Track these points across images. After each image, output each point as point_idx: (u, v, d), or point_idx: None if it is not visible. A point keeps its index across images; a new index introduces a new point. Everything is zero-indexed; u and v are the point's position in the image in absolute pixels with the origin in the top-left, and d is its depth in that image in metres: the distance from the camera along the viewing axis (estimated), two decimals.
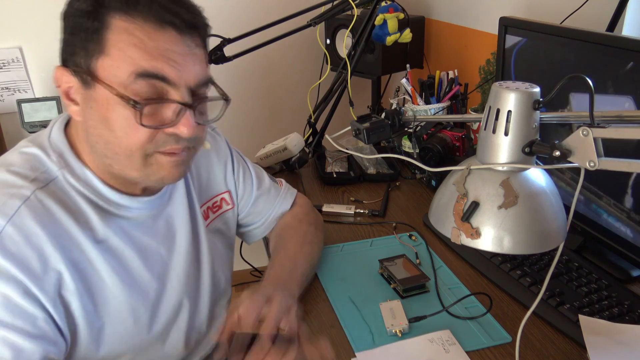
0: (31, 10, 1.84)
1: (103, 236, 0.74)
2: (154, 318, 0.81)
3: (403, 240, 1.12)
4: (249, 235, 1.07)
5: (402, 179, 1.42)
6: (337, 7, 1.42)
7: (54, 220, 0.70)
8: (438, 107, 1.45)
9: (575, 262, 0.97)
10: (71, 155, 0.75)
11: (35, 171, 0.72)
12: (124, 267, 0.77)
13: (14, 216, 0.66)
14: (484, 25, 1.63)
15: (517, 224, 0.62)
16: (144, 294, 0.79)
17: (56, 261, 0.68)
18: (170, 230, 0.85)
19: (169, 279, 0.83)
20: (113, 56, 0.66)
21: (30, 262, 0.66)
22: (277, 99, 2.23)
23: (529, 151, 0.62)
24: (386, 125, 0.91)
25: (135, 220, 0.79)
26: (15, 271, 0.65)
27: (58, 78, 0.71)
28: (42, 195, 0.70)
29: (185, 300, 0.86)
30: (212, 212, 0.96)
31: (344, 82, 1.44)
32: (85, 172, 0.75)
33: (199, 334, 0.90)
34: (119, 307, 0.76)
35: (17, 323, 0.65)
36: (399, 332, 0.85)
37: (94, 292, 0.73)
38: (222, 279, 0.95)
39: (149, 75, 0.66)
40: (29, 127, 1.81)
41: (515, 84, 0.64)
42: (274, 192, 1.06)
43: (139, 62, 0.66)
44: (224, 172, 0.98)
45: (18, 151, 0.75)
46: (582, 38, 0.92)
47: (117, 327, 0.76)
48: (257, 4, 2.03)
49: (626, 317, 0.84)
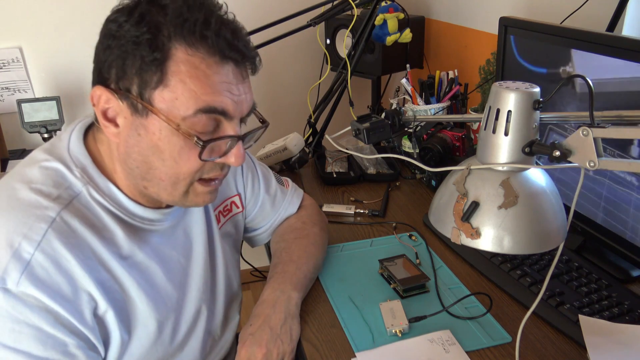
0: (31, 10, 1.84)
1: (128, 252, 0.74)
2: (176, 328, 0.81)
3: (403, 240, 1.12)
4: (254, 240, 1.08)
5: (402, 179, 1.42)
6: (337, 7, 1.42)
7: (80, 241, 0.69)
8: (438, 107, 1.45)
9: (575, 262, 0.97)
10: (94, 170, 0.73)
11: (58, 188, 0.70)
12: (148, 282, 0.77)
13: (42, 242, 0.65)
14: (484, 25, 1.63)
15: (517, 224, 0.62)
16: (167, 306, 0.79)
17: (86, 282, 0.68)
18: (188, 239, 0.85)
19: (189, 287, 0.84)
20: (174, 88, 0.65)
21: (61, 287, 0.66)
22: (277, 99, 2.23)
23: (529, 151, 0.62)
24: (386, 125, 0.91)
25: (158, 232, 0.79)
26: (47, 300, 0.64)
27: (97, 97, 0.68)
28: (67, 215, 0.68)
29: (204, 307, 0.86)
30: (223, 215, 0.95)
31: (344, 82, 1.44)
32: (109, 187, 0.73)
33: (213, 339, 0.90)
34: (145, 321, 0.76)
35: (49, 354, 0.65)
36: (399, 332, 0.85)
37: (122, 309, 0.73)
38: (235, 282, 0.96)
39: (211, 111, 0.66)
40: (29, 127, 1.81)
41: (515, 84, 0.64)
42: (280, 195, 1.05)
43: (202, 96, 0.65)
44: (234, 175, 0.98)
45: (38, 166, 0.72)
46: (582, 38, 0.92)
47: (143, 341, 0.76)
48: (257, 4, 2.03)
49: (626, 317, 0.84)
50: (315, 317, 0.90)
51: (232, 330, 0.96)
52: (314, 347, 0.84)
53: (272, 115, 2.25)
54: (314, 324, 0.89)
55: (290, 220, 1.06)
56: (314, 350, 0.83)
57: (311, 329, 0.88)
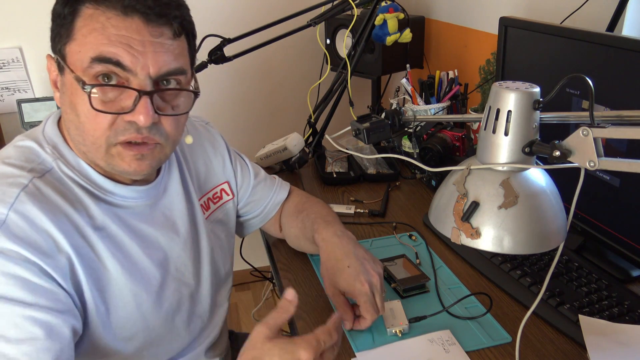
0: (31, 10, 1.84)
1: (101, 223, 0.75)
2: (157, 305, 0.82)
3: (403, 240, 1.12)
4: (247, 225, 1.09)
5: (402, 179, 1.42)
6: (337, 7, 1.42)
7: (53, 206, 0.70)
8: (438, 107, 1.45)
9: (575, 262, 0.97)
10: (65, 147, 0.76)
11: (31, 162, 0.73)
12: (123, 254, 0.77)
13: (14, 203, 0.67)
14: (484, 25, 1.63)
15: (517, 224, 0.62)
16: (146, 281, 0.80)
17: (64, 244, 0.69)
18: (169, 220, 0.86)
19: (169, 267, 0.84)
20: (78, 41, 0.68)
21: (40, 243, 0.67)
22: (277, 99, 2.23)
23: (529, 151, 0.62)
24: (386, 125, 0.91)
25: (132, 209, 0.80)
26: (27, 253, 0.65)
27: (48, 67, 0.73)
28: (39, 183, 0.71)
29: (186, 289, 0.87)
30: (213, 203, 0.97)
31: (344, 82, 1.44)
32: (79, 162, 0.76)
33: (202, 322, 0.92)
34: (120, 292, 0.76)
35: (41, 301, 0.65)
36: (399, 332, 0.85)
37: (97, 278, 0.74)
38: (222, 269, 0.97)
39: (104, 60, 0.67)
40: (29, 127, 1.81)
41: (515, 84, 0.64)
42: (270, 181, 1.08)
43: (97, 47, 0.67)
44: (222, 163, 1.00)
45: (13, 145, 0.77)
46: (582, 38, 0.92)
47: (120, 312, 0.77)
48: (257, 4, 2.03)
49: (626, 317, 0.84)
50: (315, 317, 0.90)
51: (221, 316, 0.98)
52: None
53: (272, 115, 2.26)
54: (314, 324, 0.89)
55: (289, 203, 1.08)
56: None
57: (311, 328, 0.87)
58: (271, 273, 1.14)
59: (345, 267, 0.86)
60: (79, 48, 0.68)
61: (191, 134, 0.87)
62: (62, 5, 0.69)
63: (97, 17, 0.67)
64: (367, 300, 0.82)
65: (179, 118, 0.75)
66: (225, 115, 2.16)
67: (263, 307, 2.21)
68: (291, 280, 1.01)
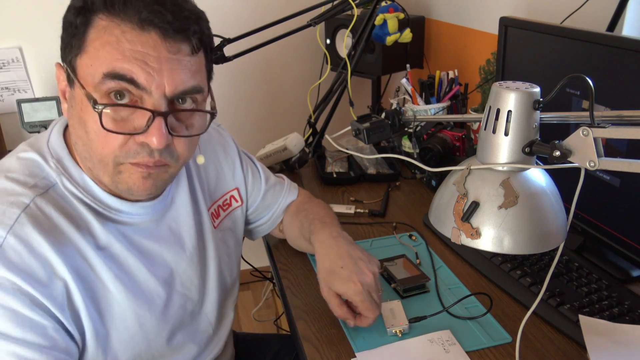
0: (31, 10, 1.84)
1: (105, 243, 0.73)
2: (161, 323, 0.80)
3: (403, 240, 1.12)
4: (256, 231, 1.07)
5: (402, 179, 1.42)
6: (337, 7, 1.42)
7: (54, 227, 0.68)
8: (438, 107, 1.45)
9: (575, 262, 0.97)
10: (70, 161, 0.73)
11: (34, 177, 0.71)
12: (127, 274, 0.75)
13: (14, 226, 0.65)
14: (484, 25, 1.63)
15: (517, 224, 0.62)
16: (150, 300, 0.78)
17: (61, 270, 0.67)
18: (175, 234, 0.83)
19: (175, 283, 0.82)
20: (90, 54, 0.65)
21: (35, 271, 0.65)
22: (277, 99, 2.23)
23: (529, 151, 0.62)
24: (386, 125, 0.91)
25: (137, 225, 0.78)
26: (21, 282, 0.63)
27: (57, 76, 0.70)
28: (41, 202, 0.68)
29: (191, 304, 0.85)
30: (223, 210, 0.95)
31: (344, 82, 1.44)
32: (84, 178, 0.73)
33: (207, 336, 0.90)
34: (123, 314, 0.74)
35: (28, 337, 0.64)
36: (399, 332, 0.85)
37: (98, 300, 0.72)
38: (229, 279, 0.95)
39: (117, 77, 0.63)
40: (28, 127, 1.81)
41: (515, 84, 0.64)
42: (279, 186, 1.07)
43: (110, 62, 0.63)
44: (232, 169, 0.97)
45: (16, 156, 0.73)
46: (582, 38, 0.92)
47: (122, 335, 0.75)
48: (257, 4, 2.03)
49: (626, 317, 0.84)
50: (315, 317, 0.90)
51: (227, 326, 0.96)
52: (314, 347, 0.84)
53: (272, 115, 2.26)
54: (314, 324, 0.89)
55: (291, 203, 1.07)
56: (314, 350, 0.83)
57: (311, 329, 0.88)
58: (271, 273, 1.13)
59: (338, 268, 0.85)
60: (90, 62, 0.64)
61: (202, 139, 0.83)
62: (75, 14, 0.65)
63: (111, 30, 0.63)
64: (363, 299, 0.82)
65: (192, 139, 0.72)
66: (225, 116, 2.15)
67: (263, 307, 2.21)
68: (291, 281, 1.01)
